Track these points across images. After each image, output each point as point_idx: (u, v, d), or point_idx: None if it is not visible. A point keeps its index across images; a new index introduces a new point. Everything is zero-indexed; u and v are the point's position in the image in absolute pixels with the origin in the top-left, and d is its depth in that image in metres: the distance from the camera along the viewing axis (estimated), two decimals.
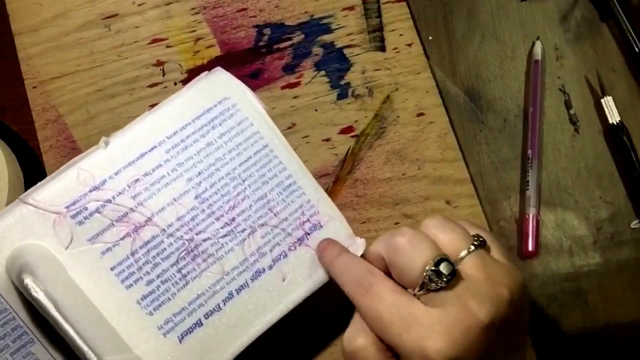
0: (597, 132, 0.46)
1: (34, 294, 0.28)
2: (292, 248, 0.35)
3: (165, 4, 0.45)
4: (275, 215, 0.35)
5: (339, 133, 0.44)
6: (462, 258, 0.29)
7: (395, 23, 0.46)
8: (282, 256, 0.35)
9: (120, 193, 0.33)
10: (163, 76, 0.44)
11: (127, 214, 0.33)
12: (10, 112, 0.44)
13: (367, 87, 0.45)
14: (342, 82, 0.45)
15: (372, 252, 0.32)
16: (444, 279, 0.28)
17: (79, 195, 0.32)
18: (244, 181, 0.35)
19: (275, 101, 0.44)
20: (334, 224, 0.36)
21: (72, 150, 0.43)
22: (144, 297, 0.32)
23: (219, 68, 0.36)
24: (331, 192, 0.44)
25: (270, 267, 0.34)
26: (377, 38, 0.46)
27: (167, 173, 0.34)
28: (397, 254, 0.30)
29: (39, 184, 0.32)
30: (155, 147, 0.34)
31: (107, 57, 0.44)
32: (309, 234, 0.35)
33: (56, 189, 0.32)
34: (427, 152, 0.45)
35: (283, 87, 0.45)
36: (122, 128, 0.35)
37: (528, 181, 0.44)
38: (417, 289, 0.29)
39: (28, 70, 0.43)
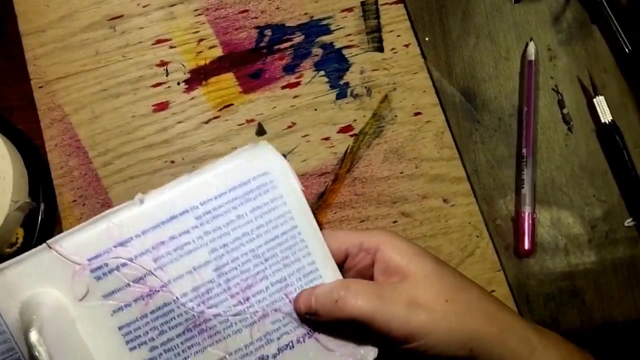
0: (590, 131, 0.47)
1: (35, 353, 0.28)
2: (301, 340, 0.33)
3: (169, 6, 0.45)
4: (290, 302, 0.34)
5: (338, 132, 0.45)
6: None
7: (393, 24, 0.47)
8: (288, 347, 0.33)
9: (143, 253, 0.32)
10: (166, 76, 0.45)
11: (145, 276, 0.32)
12: (17, 111, 0.44)
13: (365, 87, 0.46)
14: (341, 82, 0.46)
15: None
16: None
17: (103, 250, 0.32)
18: (265, 260, 0.34)
19: (275, 101, 0.45)
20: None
21: (77, 149, 0.43)
22: None
23: (265, 142, 0.35)
24: (330, 190, 0.44)
25: (275, 356, 0.33)
26: (376, 39, 0.46)
27: (193, 240, 0.33)
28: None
29: (68, 231, 0.32)
30: (187, 211, 0.33)
31: (112, 58, 0.45)
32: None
33: (83, 240, 0.32)
34: (424, 150, 0.45)
35: (283, 87, 0.45)
36: (160, 186, 0.34)
37: (523, 179, 0.45)
38: None
39: (34, 71, 0.44)
